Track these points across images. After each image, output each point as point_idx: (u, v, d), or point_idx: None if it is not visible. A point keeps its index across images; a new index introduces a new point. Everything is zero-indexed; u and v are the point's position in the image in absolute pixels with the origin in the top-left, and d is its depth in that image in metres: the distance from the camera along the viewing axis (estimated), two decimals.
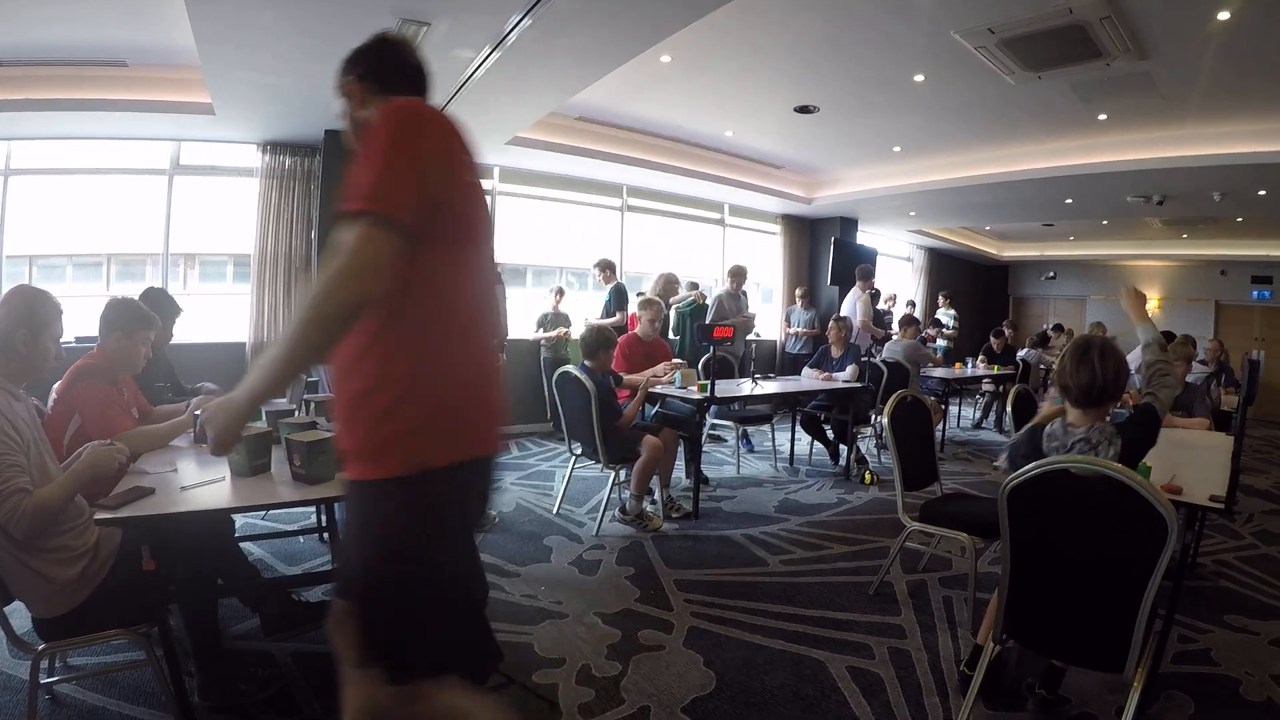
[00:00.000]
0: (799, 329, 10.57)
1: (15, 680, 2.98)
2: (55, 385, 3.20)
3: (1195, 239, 14.03)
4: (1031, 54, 5.72)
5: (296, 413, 3.84)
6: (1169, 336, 7.42)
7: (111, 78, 6.23)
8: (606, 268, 8.89)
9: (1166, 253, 15.13)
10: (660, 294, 8.33)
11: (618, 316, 8.43)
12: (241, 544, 4.00)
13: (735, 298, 8.94)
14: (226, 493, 2.60)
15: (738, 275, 8.97)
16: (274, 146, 7.52)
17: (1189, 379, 5.58)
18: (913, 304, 14.44)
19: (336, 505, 3.96)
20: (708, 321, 8.50)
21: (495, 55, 5.19)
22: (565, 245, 10.37)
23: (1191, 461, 3.82)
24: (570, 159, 8.75)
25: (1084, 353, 2.66)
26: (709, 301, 8.95)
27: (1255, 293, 14.81)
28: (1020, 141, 8.52)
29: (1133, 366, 7.28)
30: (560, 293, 8.93)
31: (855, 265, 10.77)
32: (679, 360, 6.61)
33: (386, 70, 2.06)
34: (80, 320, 4.46)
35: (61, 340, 2.71)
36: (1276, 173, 7.72)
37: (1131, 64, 5.80)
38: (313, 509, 4.92)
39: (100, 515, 2.41)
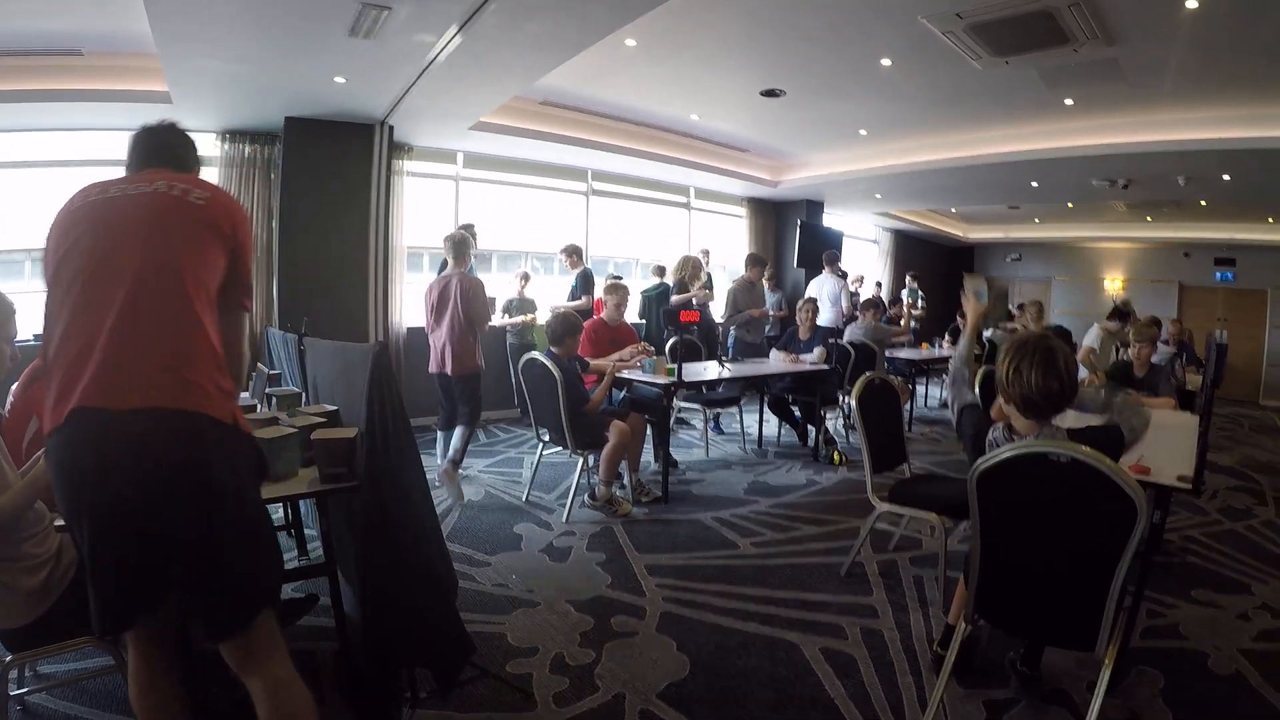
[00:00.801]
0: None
1: None
2: (11, 388, 3.12)
3: (1159, 222, 14.20)
4: (999, 39, 5.72)
5: (258, 408, 3.76)
6: (1122, 315, 7.51)
7: (67, 67, 6.10)
8: (573, 253, 8.87)
9: (1131, 235, 15.33)
10: (687, 277, 8.44)
11: (584, 300, 8.41)
12: None
13: (751, 287, 8.86)
14: None
15: (757, 264, 8.87)
16: (233, 135, 7.39)
17: (1154, 360, 5.63)
18: (880, 285, 14.53)
19: (302, 501, 3.92)
20: (724, 316, 8.48)
21: (457, 39, 5.13)
22: (530, 230, 10.29)
23: (1158, 441, 3.84)
24: (535, 143, 8.69)
25: (1050, 362, 2.49)
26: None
27: (1218, 274, 15.05)
28: (986, 126, 8.56)
29: (1089, 343, 7.38)
30: (525, 278, 8.88)
31: (821, 247, 10.81)
32: (646, 344, 6.60)
33: (131, 154, 2.43)
34: (40, 318, 4.35)
35: (16, 340, 2.64)
36: (1240, 158, 7.82)
37: (1099, 51, 5.82)
38: (278, 505, 4.82)
39: (61, 521, 2.36)
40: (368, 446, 2.46)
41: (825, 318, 9.14)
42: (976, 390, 3.09)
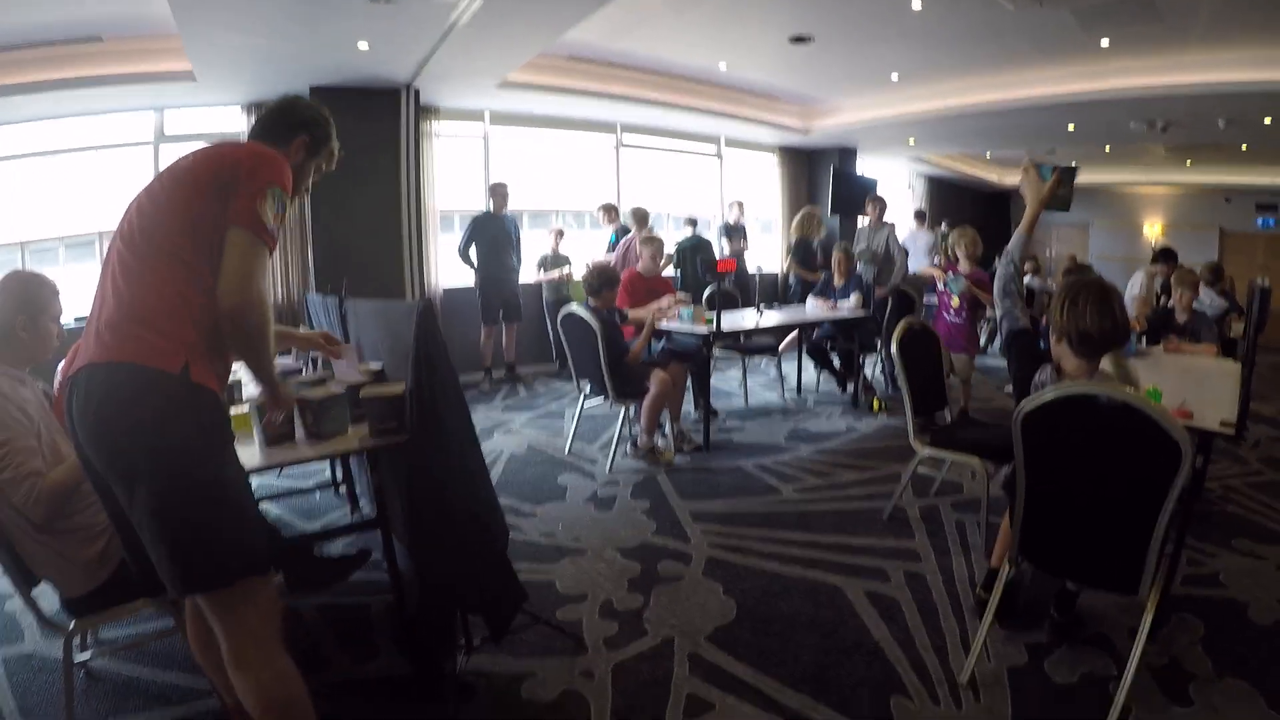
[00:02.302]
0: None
1: (50, 661, 3.01)
2: (59, 366, 3.19)
3: (1199, 166, 13.91)
4: None
5: (304, 370, 3.83)
6: (1170, 255, 7.38)
7: (88, 54, 6.15)
8: (610, 210, 9.04)
9: (1170, 179, 15.03)
10: (806, 232, 8.54)
11: None
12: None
13: (877, 231, 8.40)
14: (241, 455, 2.33)
15: (876, 203, 8.55)
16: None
17: (1195, 306, 5.54)
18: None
19: (353, 460, 4.00)
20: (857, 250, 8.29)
21: None
22: (561, 186, 10.31)
23: (1200, 387, 3.82)
24: (562, 99, 8.64)
25: (1105, 300, 2.53)
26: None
27: (1260, 220, 14.75)
28: (1021, 68, 8.39)
29: (1132, 293, 7.27)
30: (560, 234, 8.92)
31: (855, 194, 10.86)
32: (683, 294, 6.61)
33: None
34: (77, 301, 4.39)
35: (61, 321, 2.70)
36: None
37: None
38: (326, 464, 4.94)
39: None
40: (416, 401, 2.49)
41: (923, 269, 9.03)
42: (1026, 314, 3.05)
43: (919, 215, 12.31)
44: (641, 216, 8.47)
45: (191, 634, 2.24)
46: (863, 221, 9.33)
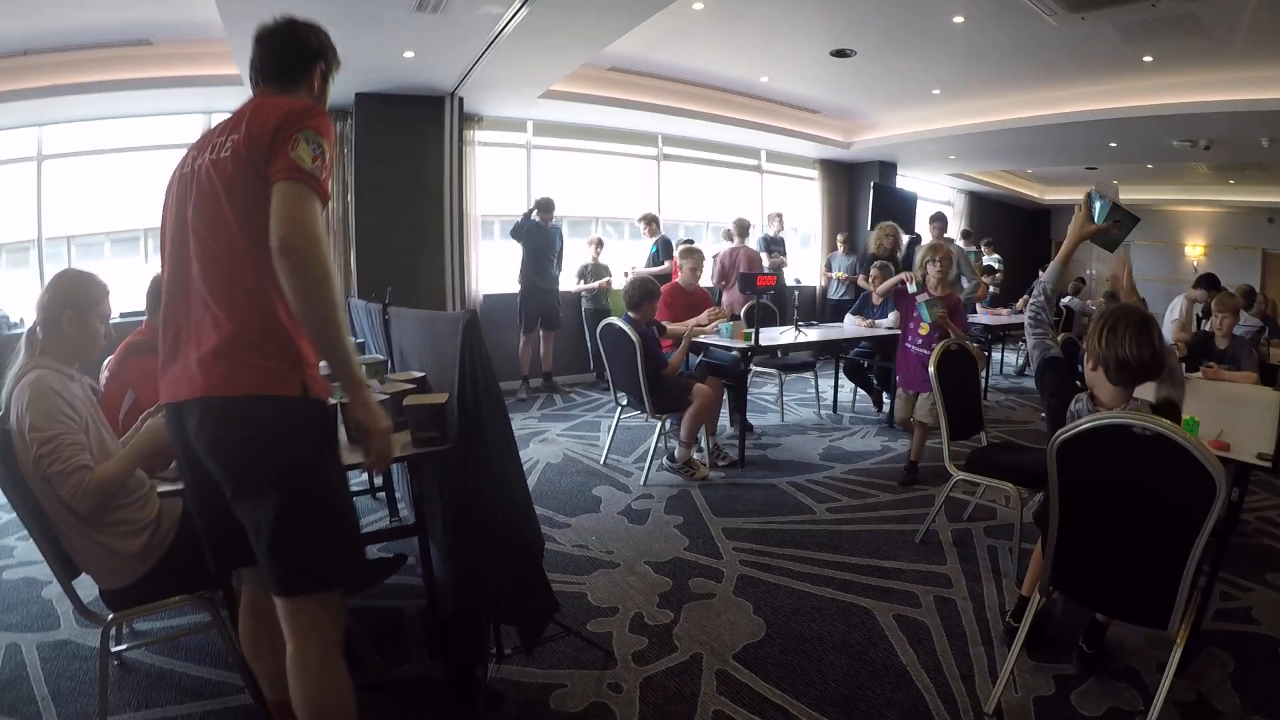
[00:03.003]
0: (840, 274, 10.44)
1: (85, 649, 3.12)
2: (106, 362, 3.27)
3: (1243, 185, 13.72)
4: None
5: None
6: (1213, 282, 7.27)
7: (138, 56, 6.33)
8: (651, 221, 9.15)
9: (1213, 199, 14.80)
10: (884, 250, 8.32)
11: (665, 266, 8.53)
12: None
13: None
14: None
15: (938, 222, 8.33)
16: None
17: (1236, 331, 5.48)
18: None
19: (393, 466, 4.04)
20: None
21: (525, 9, 5.17)
22: (601, 196, 10.38)
23: (1239, 415, 3.78)
24: (604, 110, 8.74)
25: (1144, 330, 2.53)
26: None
27: None
28: (1062, 84, 8.35)
29: (1172, 318, 7.19)
30: (600, 244, 8.98)
31: (896, 209, 10.90)
32: (721, 309, 6.62)
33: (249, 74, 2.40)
34: (121, 296, 4.48)
35: (110, 319, 2.76)
36: None
37: (1177, 5, 5.65)
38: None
39: (163, 487, 2.51)
40: (459, 411, 2.52)
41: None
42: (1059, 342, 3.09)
43: (965, 235, 12.34)
44: (743, 227, 8.78)
45: (244, 627, 2.30)
46: (904, 239, 9.26)
